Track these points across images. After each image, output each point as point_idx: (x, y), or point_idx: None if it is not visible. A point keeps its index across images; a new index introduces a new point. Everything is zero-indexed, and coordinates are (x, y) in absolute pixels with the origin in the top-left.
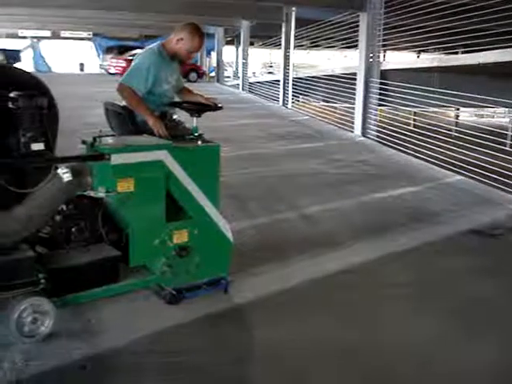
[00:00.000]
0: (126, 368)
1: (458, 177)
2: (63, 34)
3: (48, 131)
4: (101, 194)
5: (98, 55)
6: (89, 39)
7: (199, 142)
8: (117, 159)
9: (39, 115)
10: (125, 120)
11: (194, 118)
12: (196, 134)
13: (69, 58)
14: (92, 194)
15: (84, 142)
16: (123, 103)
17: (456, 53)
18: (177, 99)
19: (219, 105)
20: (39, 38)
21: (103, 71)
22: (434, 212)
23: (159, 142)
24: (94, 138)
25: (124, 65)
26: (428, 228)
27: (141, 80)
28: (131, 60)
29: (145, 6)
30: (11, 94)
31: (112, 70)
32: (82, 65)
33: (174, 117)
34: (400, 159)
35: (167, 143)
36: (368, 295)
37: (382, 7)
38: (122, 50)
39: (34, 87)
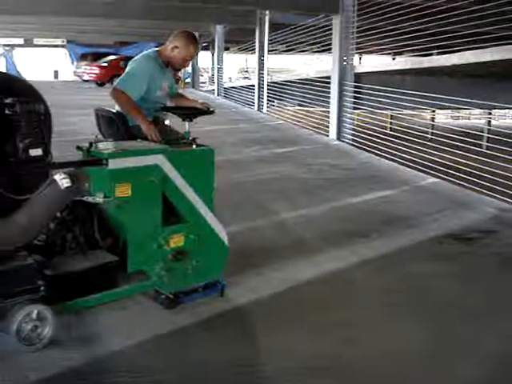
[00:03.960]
0: None
1: (434, 179)
2: (37, 41)
3: (45, 137)
4: (99, 199)
5: (72, 62)
6: (63, 46)
7: (194, 146)
8: (114, 164)
9: (37, 121)
10: (117, 125)
11: (187, 123)
12: (190, 138)
13: (43, 66)
14: (90, 199)
15: (79, 148)
16: (115, 109)
17: (431, 55)
18: (170, 105)
19: (211, 109)
20: (12, 46)
21: (77, 78)
22: (408, 216)
23: (155, 146)
24: (90, 144)
25: (97, 71)
26: (402, 232)
27: (135, 86)
28: (105, 67)
29: (118, 13)
30: (8, 100)
31: (85, 77)
32: (56, 72)
33: (166, 122)
34: (375, 163)
35: (163, 147)
36: (343, 303)
37: (355, 10)
38: (96, 57)
39: (28, 93)
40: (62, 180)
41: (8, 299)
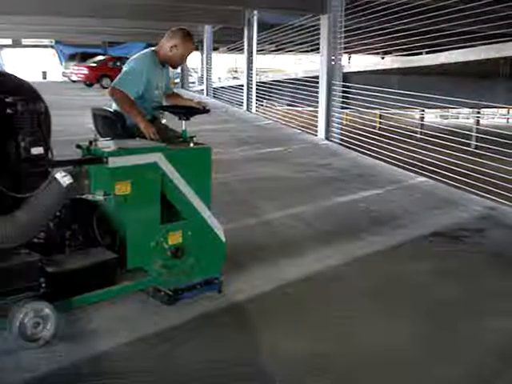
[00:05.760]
0: None
1: (422, 178)
2: (25, 41)
3: (46, 135)
4: (99, 197)
5: (61, 63)
6: (51, 47)
7: (191, 144)
8: (114, 162)
9: (37, 120)
10: (115, 124)
11: (183, 122)
12: (188, 137)
13: (31, 67)
14: (90, 197)
15: (79, 146)
16: (113, 108)
17: (420, 54)
18: (166, 103)
19: (207, 108)
20: (0, 47)
21: (66, 79)
22: (396, 215)
23: (154, 144)
24: (90, 142)
25: (86, 72)
26: (391, 232)
27: (133, 84)
28: (93, 67)
29: (106, 13)
30: (9, 99)
31: (74, 78)
32: (44, 73)
33: (163, 121)
34: (364, 162)
35: (162, 146)
36: (334, 302)
37: (343, 10)
38: (84, 57)
39: (29, 92)
40: (63, 178)
41: (10, 296)
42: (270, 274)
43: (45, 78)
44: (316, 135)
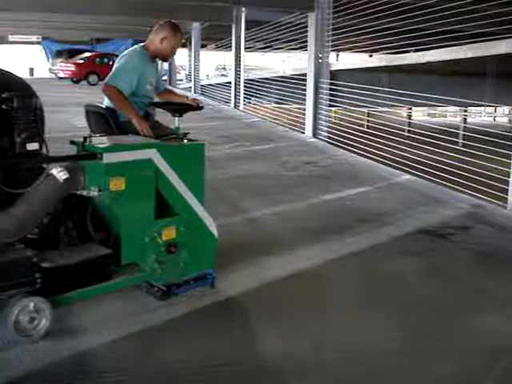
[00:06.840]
0: None
1: (409, 176)
2: (11, 38)
3: (41, 131)
4: (93, 193)
5: (48, 59)
6: (38, 43)
7: (185, 141)
8: (109, 158)
9: (33, 115)
10: (107, 121)
11: (176, 118)
12: (181, 133)
13: (18, 63)
14: (84, 193)
15: (73, 143)
16: (105, 104)
17: (407, 53)
18: (158, 100)
19: (200, 105)
20: None
21: (53, 76)
22: (382, 212)
23: (148, 140)
24: (85, 138)
25: (73, 69)
26: (376, 229)
27: (126, 81)
28: (80, 64)
29: (93, 9)
30: (5, 95)
31: (61, 74)
32: (31, 69)
33: (157, 118)
34: (350, 160)
35: (156, 142)
36: (316, 301)
37: (331, 7)
38: (71, 54)
39: (24, 88)
40: (59, 173)
41: (5, 292)
42: (256, 271)
43: (32, 74)
44: (303, 133)
